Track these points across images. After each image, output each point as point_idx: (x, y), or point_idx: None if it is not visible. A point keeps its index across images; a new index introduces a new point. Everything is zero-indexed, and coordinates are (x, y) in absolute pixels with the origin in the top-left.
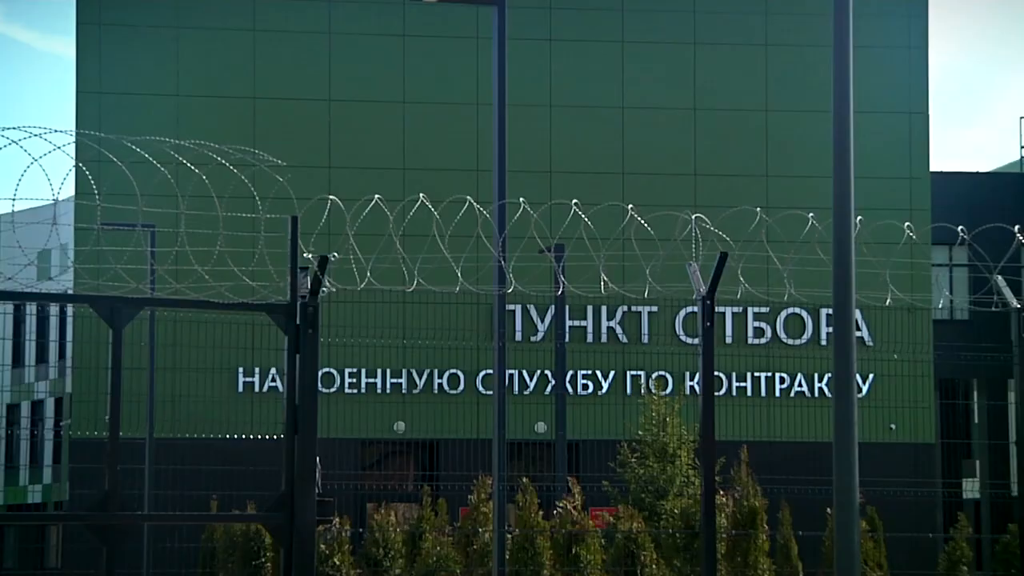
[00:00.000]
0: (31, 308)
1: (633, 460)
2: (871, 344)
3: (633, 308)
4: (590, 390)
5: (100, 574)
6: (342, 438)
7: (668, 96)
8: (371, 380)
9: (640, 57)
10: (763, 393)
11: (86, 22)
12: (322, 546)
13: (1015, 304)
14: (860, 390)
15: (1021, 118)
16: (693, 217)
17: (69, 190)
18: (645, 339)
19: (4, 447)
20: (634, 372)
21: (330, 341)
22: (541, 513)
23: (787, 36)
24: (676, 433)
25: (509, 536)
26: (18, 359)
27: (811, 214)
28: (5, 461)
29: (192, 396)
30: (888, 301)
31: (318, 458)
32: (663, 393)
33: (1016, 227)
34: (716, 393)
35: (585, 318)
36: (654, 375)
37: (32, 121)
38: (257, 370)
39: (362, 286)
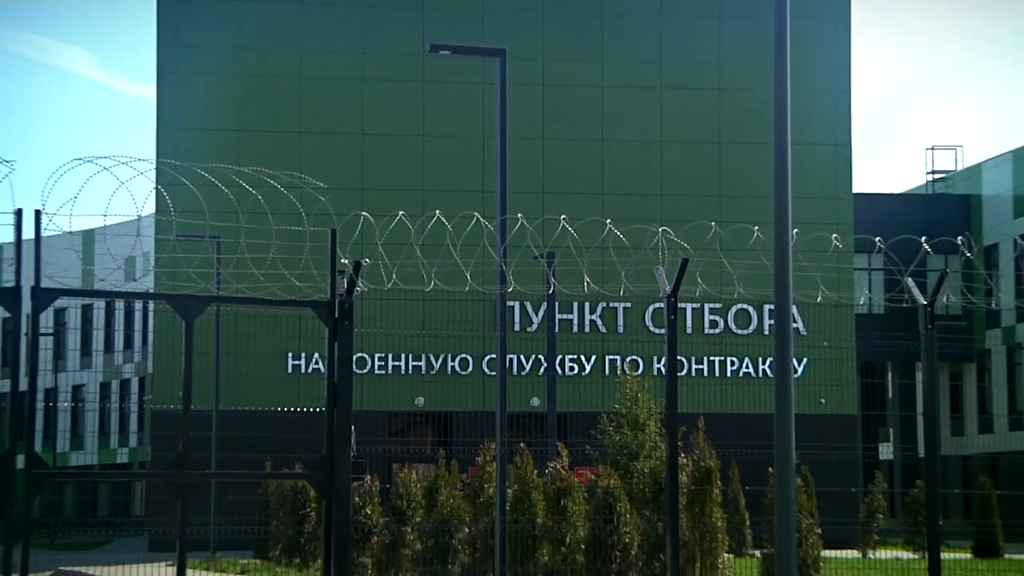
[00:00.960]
0: (120, 304)
1: (611, 428)
2: (805, 334)
3: (610, 304)
4: (575, 371)
5: (175, 521)
6: (372, 410)
7: (639, 131)
8: (396, 363)
9: (616, 100)
10: (717, 374)
11: (165, 71)
12: (356, 499)
13: (922, 301)
14: (796, 371)
15: (927, 149)
16: (660, 230)
17: (150, 208)
18: (620, 330)
19: (98, 417)
20: (611, 356)
21: (362, 331)
22: (535, 472)
23: (738, 83)
24: (646, 406)
25: (509, 491)
26: (109, 346)
27: (756, 227)
28: (99, 428)
29: (249, 376)
30: (819, 298)
31: (352, 427)
32: (635, 374)
33: (923, 238)
34: (678, 374)
35: (571, 312)
36: (628, 359)
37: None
38: (303, 355)
39: (389, 286)
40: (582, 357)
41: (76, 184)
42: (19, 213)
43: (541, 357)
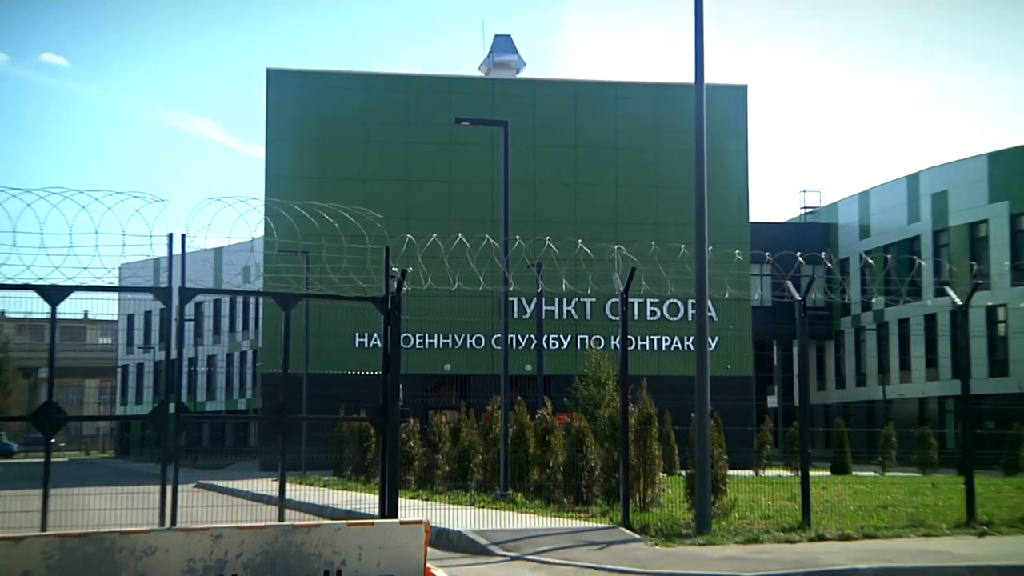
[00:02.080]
0: (239, 299)
1: (581, 386)
2: (716, 320)
3: (581, 299)
4: (557, 346)
5: (278, 450)
6: (413, 373)
7: (601, 179)
8: (431, 340)
9: (585, 158)
10: (655, 348)
11: (271, 136)
12: (403, 435)
13: (797, 297)
14: (710, 346)
15: (800, 191)
16: (616, 248)
17: (260, 232)
18: (588, 317)
19: (225, 378)
20: (582, 336)
21: (407, 318)
22: (528, 417)
23: (671, 147)
24: (605, 371)
25: (510, 430)
26: (232, 328)
27: (683, 246)
28: (225, 385)
29: (328, 349)
30: (726, 295)
31: (400, 385)
32: (598, 348)
33: (797, 253)
34: (628, 348)
35: (553, 305)
36: (593, 337)
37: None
38: (366, 334)
39: (425, 287)
40: (561, 336)
41: (209, 216)
42: (171, 236)
43: (532, 336)
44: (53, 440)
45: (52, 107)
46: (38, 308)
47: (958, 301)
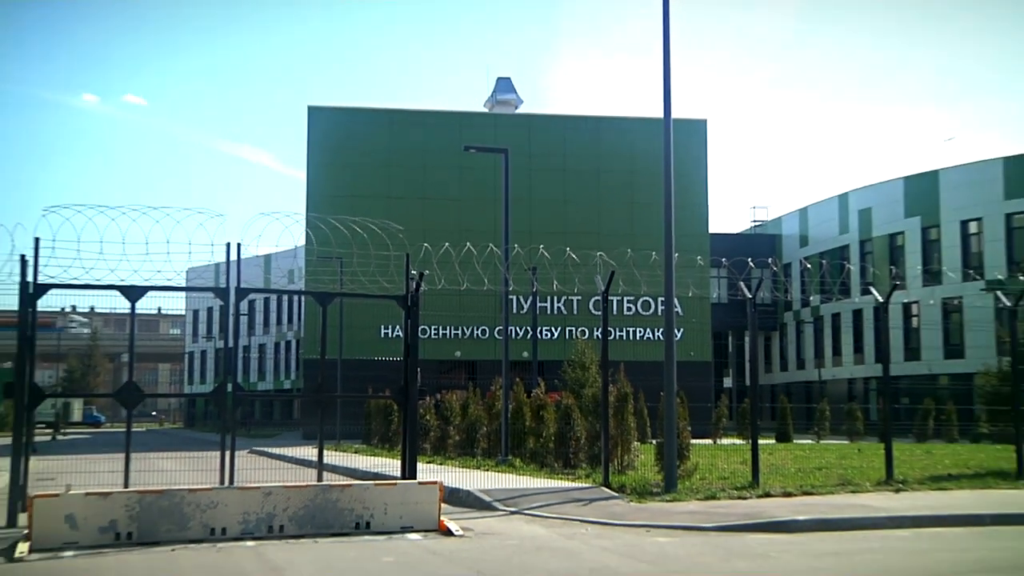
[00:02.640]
0: (284, 297)
1: (569, 370)
2: (682, 314)
3: (569, 297)
4: (549, 336)
5: (317, 422)
6: (429, 359)
7: (586, 195)
8: (444, 331)
9: (573, 178)
10: (631, 338)
11: (312, 161)
12: (420, 410)
13: (748, 296)
14: (677, 336)
15: (751, 207)
16: (598, 255)
17: (302, 241)
18: (575, 312)
19: (273, 363)
20: (570, 328)
21: (424, 313)
22: (525, 395)
23: (644, 169)
24: (589, 357)
25: (510, 406)
26: (279, 321)
27: (654, 253)
28: (273, 368)
29: (359, 338)
30: (690, 293)
31: (418, 369)
32: (583, 338)
33: (748, 259)
34: (609, 338)
35: (546, 302)
36: (579, 329)
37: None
38: (390, 326)
39: (439, 287)
40: (552, 328)
41: (259, 228)
42: (228, 245)
43: (528, 328)
44: (133, 413)
45: (133, 139)
46: (121, 305)
47: (880, 299)
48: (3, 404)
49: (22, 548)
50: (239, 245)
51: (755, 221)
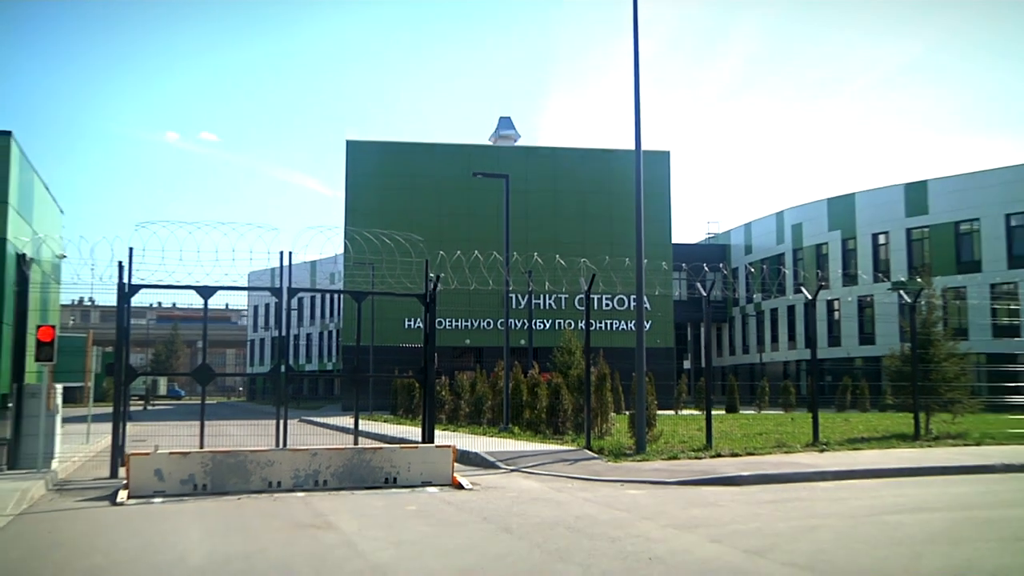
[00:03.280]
0: (327, 296)
1: (559, 355)
2: (650, 309)
3: (558, 295)
4: (542, 327)
5: (353, 397)
6: (444, 346)
7: (572, 212)
8: (456, 323)
9: (562, 198)
10: (608, 329)
11: (350, 184)
12: (437, 388)
13: (704, 295)
14: (646, 327)
15: (706, 222)
16: (582, 260)
17: (340, 250)
18: (563, 307)
19: (318, 348)
20: (559, 320)
21: (439, 308)
22: (523, 375)
23: (620, 192)
24: (575, 344)
25: (511, 384)
26: (323, 315)
27: (627, 259)
28: (319, 351)
29: (387, 328)
30: (657, 292)
31: (435, 353)
32: (570, 329)
33: (704, 265)
34: (591, 329)
35: (540, 299)
36: (567, 321)
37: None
38: (413, 319)
39: (452, 287)
40: (545, 320)
41: (307, 239)
42: (282, 253)
43: (525, 320)
44: (206, 389)
45: (207, 168)
46: (197, 301)
47: (808, 297)
48: (105, 380)
49: (122, 495)
50: (290, 253)
51: (709, 233)
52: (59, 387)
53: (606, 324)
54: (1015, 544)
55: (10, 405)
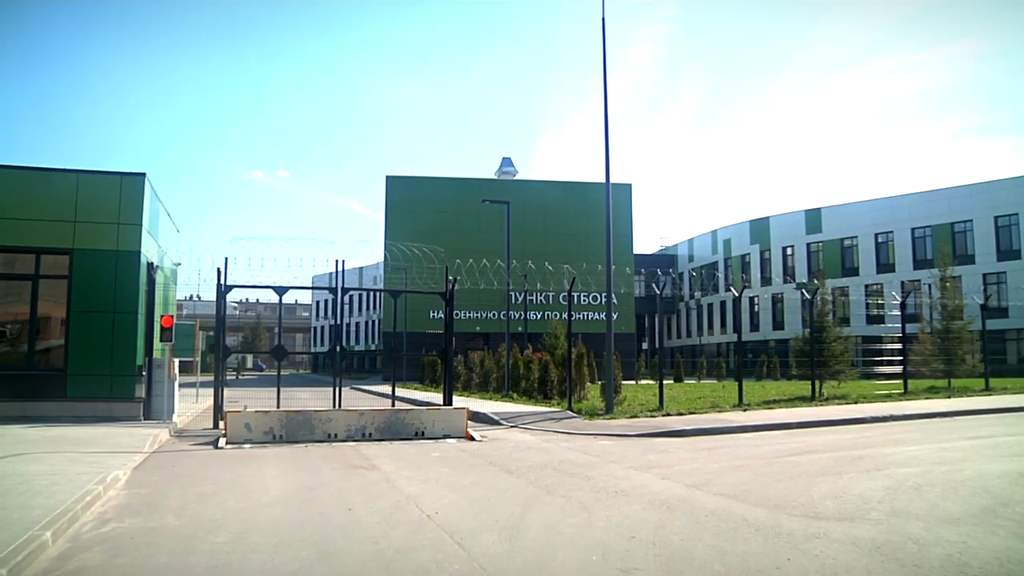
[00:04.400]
0: (371, 293)
1: (548, 338)
2: (617, 303)
3: (547, 292)
4: (535, 317)
5: (391, 370)
6: (459, 332)
7: (559, 230)
8: (469, 314)
9: (551, 219)
10: (586, 319)
11: (389, 207)
12: (455, 364)
13: (658, 293)
14: (614, 317)
15: (659, 236)
16: (565, 266)
17: (380, 258)
18: (551, 302)
19: (364, 333)
20: (548, 312)
21: (456, 302)
22: (520, 354)
23: (595, 213)
24: (561, 330)
25: (511, 361)
26: (368, 308)
27: (600, 266)
28: (366, 337)
29: (416, 319)
30: (622, 290)
31: (452, 338)
32: (557, 319)
33: (657, 269)
34: (572, 319)
35: (533, 296)
36: (554, 312)
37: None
38: (436, 311)
39: (467, 286)
40: (537, 312)
41: (356, 250)
42: (337, 261)
43: (522, 312)
44: (281, 363)
45: (282, 197)
46: (274, 298)
47: (736, 294)
48: (208, 356)
49: (222, 441)
50: (343, 261)
51: (661, 245)
52: (176, 361)
53: (584, 315)
54: (876, 473)
55: (144, 374)
